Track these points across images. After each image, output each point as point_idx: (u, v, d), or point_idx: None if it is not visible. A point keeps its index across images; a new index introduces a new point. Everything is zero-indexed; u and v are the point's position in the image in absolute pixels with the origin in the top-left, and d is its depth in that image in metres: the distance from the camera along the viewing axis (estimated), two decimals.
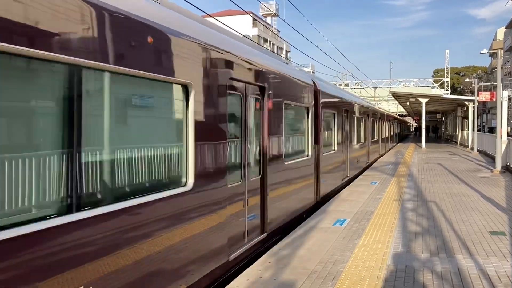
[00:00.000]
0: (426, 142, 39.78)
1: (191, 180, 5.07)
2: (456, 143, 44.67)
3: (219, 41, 5.91)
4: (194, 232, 5.10)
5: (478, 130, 39.30)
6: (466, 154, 28.90)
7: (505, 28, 71.26)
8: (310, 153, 10.34)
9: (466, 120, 40.42)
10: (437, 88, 79.94)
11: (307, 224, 8.69)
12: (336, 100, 13.56)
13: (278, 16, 69.24)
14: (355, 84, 79.62)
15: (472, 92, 61.85)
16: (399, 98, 45.87)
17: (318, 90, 11.10)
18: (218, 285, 5.95)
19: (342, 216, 9.46)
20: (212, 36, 5.75)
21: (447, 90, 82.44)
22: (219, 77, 5.73)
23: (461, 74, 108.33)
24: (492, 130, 45.16)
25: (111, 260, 3.81)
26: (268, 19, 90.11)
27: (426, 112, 41.60)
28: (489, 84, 63.73)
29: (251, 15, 72.14)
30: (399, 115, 72.49)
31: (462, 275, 5.84)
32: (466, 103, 38.08)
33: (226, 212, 5.91)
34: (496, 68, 23.95)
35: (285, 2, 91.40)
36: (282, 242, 7.39)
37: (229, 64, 6.04)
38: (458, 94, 77.30)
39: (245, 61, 6.63)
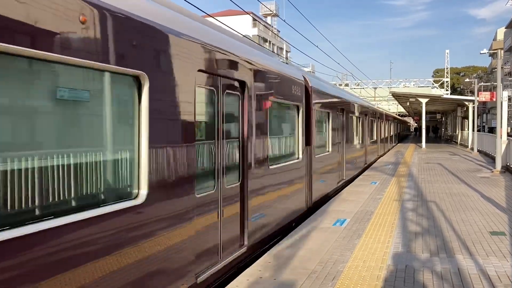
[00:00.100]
0: (426, 142, 39.80)
1: (144, 191, 4.26)
2: (456, 143, 44.69)
3: (184, 26, 5.07)
4: (147, 254, 4.26)
5: (478, 130, 39.30)
6: (466, 154, 28.91)
7: (505, 28, 71.34)
8: (300, 155, 9.55)
9: (466, 120, 40.43)
10: (437, 88, 79.95)
11: (307, 224, 8.69)
12: (331, 98, 12.85)
13: (278, 16, 69.34)
14: (355, 84, 79.67)
15: (472, 92, 61.87)
16: (399, 98, 45.92)
17: (310, 87, 10.42)
18: None
19: (342, 216, 9.46)
20: (174, 19, 4.94)
21: (447, 90, 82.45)
22: (184, 68, 4.92)
23: (461, 74, 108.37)
24: (492, 130, 45.13)
25: None
26: (268, 19, 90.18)
27: (426, 112, 41.61)
28: (489, 84, 63.74)
29: (251, 15, 72.15)
30: (399, 115, 72.57)
31: (462, 275, 5.84)
32: (466, 103, 38.12)
33: (193, 226, 5.10)
34: (496, 68, 23.96)
35: (285, 2, 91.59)
36: (282, 242, 7.40)
37: (197, 54, 5.20)
38: (458, 94, 77.33)
39: (219, 51, 5.78)
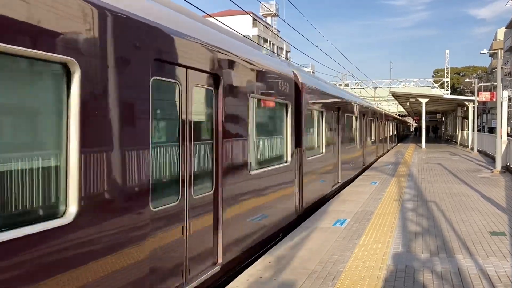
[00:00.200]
0: (426, 142, 39.79)
1: (73, 208, 3.47)
2: (456, 143, 44.70)
3: (135, 6, 4.26)
4: (80, 284, 3.50)
5: (478, 130, 39.30)
6: (466, 154, 28.91)
7: (505, 28, 71.40)
8: (289, 158, 8.75)
9: (466, 120, 40.46)
10: (437, 88, 79.95)
11: (307, 225, 8.69)
12: (325, 96, 12.08)
13: (278, 16, 69.33)
14: (355, 84, 79.70)
15: (472, 92, 61.88)
16: (399, 98, 45.94)
17: (301, 83, 9.63)
18: None
19: (342, 216, 9.47)
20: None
21: (447, 90, 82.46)
22: (133, 55, 4.10)
23: (461, 74, 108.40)
24: (492, 130, 45.15)
25: None
26: (268, 19, 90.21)
27: (426, 112, 41.63)
28: (489, 84, 63.76)
29: (251, 15, 72.17)
30: (399, 115, 72.57)
31: (462, 275, 5.84)
32: (466, 103, 38.14)
33: (147, 246, 4.28)
34: (496, 68, 23.96)
35: (285, 2, 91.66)
36: (282, 242, 7.40)
37: (153, 40, 4.39)
38: (458, 94, 77.35)
39: (184, 38, 4.99)
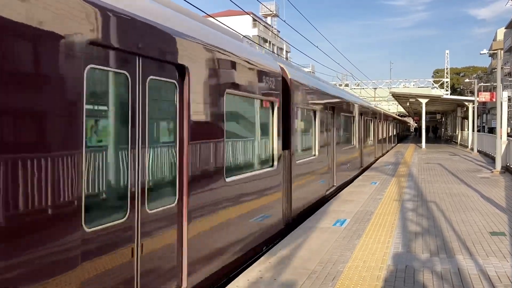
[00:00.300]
0: (426, 142, 39.81)
1: None
2: (456, 143, 44.72)
3: None
4: None
5: (478, 131, 39.31)
6: (466, 155, 28.92)
7: (505, 28, 71.40)
8: (275, 162, 8.04)
9: (466, 120, 40.46)
10: (437, 88, 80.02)
11: (307, 225, 8.69)
12: (318, 94, 11.28)
13: (278, 16, 69.40)
14: (355, 84, 79.80)
15: (472, 93, 61.87)
16: (399, 98, 45.96)
17: (290, 80, 8.85)
18: None
19: (342, 216, 9.47)
20: None
21: (447, 91, 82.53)
22: (57, 36, 3.34)
23: (461, 75, 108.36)
24: (492, 131, 45.13)
25: None
26: (268, 20, 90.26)
27: (426, 113, 41.64)
28: (489, 84, 63.76)
29: (251, 15, 72.16)
30: (399, 115, 72.59)
31: (462, 275, 5.85)
32: (466, 103, 38.15)
33: (79, 273, 3.58)
34: (496, 68, 23.96)
35: (285, 2, 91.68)
36: (282, 242, 7.40)
37: (85, 18, 3.61)
38: (458, 95, 77.38)
39: (134, 18, 4.22)
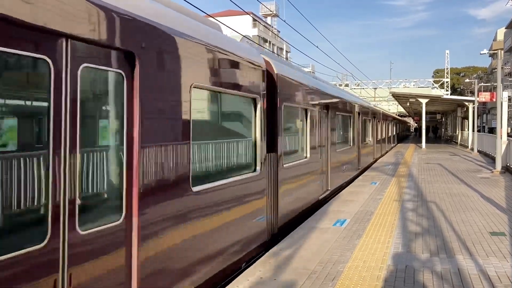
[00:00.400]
0: (426, 142, 39.80)
1: None
2: (456, 143, 44.71)
3: None
4: None
5: (478, 131, 39.31)
6: (466, 155, 28.92)
7: (505, 28, 71.41)
8: (258, 166, 7.18)
9: (466, 120, 40.47)
10: (437, 88, 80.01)
11: (307, 225, 8.69)
12: (310, 91, 10.32)
13: (278, 16, 69.40)
14: (355, 84, 79.81)
15: (472, 93, 61.89)
16: (399, 98, 45.95)
17: (276, 75, 7.93)
18: None
19: (342, 217, 9.47)
20: None
21: (447, 91, 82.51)
22: None
23: (461, 75, 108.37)
24: (492, 131, 45.17)
25: None
26: (268, 20, 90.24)
27: (426, 113, 41.62)
28: (489, 84, 63.77)
29: (251, 15, 72.19)
30: (399, 115, 72.58)
31: (462, 275, 5.85)
32: (466, 103, 38.14)
33: None
34: (496, 68, 23.96)
35: (285, 2, 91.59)
36: (282, 242, 7.40)
37: None
38: (458, 95, 77.40)
39: None
